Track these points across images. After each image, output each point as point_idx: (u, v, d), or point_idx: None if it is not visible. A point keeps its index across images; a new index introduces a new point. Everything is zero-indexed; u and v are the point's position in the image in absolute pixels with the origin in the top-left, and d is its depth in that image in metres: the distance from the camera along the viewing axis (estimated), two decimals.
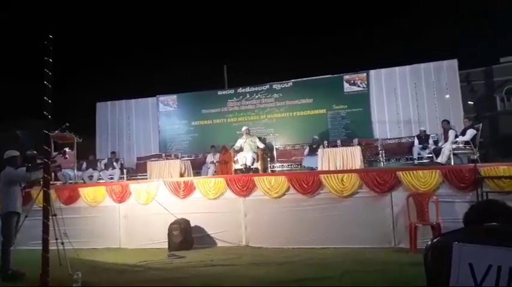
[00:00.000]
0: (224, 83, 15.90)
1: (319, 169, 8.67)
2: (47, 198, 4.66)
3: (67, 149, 8.56)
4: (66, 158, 8.21)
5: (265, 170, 9.69)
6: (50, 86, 4.65)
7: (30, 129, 19.15)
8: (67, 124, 9.42)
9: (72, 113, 14.04)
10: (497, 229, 1.68)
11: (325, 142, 10.25)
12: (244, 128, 10.36)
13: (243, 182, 7.77)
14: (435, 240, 1.77)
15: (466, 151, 9.00)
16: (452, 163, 8.39)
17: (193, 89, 14.19)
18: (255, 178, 7.78)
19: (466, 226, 1.81)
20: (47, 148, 4.80)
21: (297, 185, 7.43)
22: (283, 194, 7.53)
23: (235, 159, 9.73)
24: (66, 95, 16.07)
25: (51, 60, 4.64)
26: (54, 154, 6.73)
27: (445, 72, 11.26)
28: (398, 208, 6.89)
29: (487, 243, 1.64)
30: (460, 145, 8.91)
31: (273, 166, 10.61)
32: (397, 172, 7.03)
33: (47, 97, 4.64)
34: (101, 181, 10.90)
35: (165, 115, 13.40)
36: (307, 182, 7.41)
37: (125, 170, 11.34)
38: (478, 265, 1.64)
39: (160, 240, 7.64)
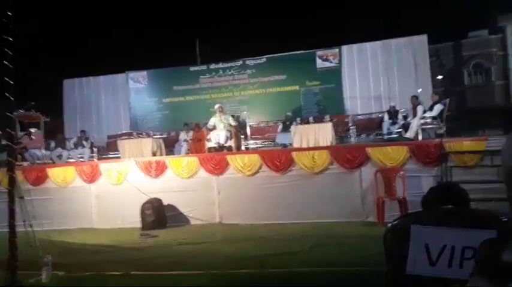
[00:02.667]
0: (196, 59, 15.59)
1: (293, 145, 8.77)
2: (11, 182, 4.54)
3: (33, 130, 8.32)
4: (32, 139, 7.97)
5: (238, 148, 9.69)
6: (10, 65, 4.46)
7: None
8: (32, 103, 9.10)
9: (37, 91, 13.57)
10: (453, 211, 1.76)
11: (298, 119, 10.30)
12: (216, 106, 10.25)
13: (216, 161, 7.78)
14: (395, 222, 1.85)
15: (433, 126, 9.28)
16: (420, 138, 8.64)
17: (164, 65, 13.87)
18: (228, 157, 7.80)
19: (424, 207, 1.89)
20: (10, 131, 4.64)
21: (269, 163, 7.51)
22: (256, 172, 7.60)
23: (208, 137, 9.68)
24: (30, 72, 15.43)
25: (10, 39, 4.43)
26: (20, 134, 6.53)
27: (415, 48, 11.43)
28: (367, 183, 7.09)
29: (442, 225, 1.72)
30: (428, 120, 9.17)
31: (247, 143, 10.63)
32: (366, 148, 7.19)
33: (9, 77, 4.45)
34: (71, 161, 10.66)
35: (135, 92, 13.11)
36: (280, 160, 7.50)
37: (95, 149, 11.10)
38: (434, 245, 1.72)
39: (133, 220, 7.61)
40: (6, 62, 4.46)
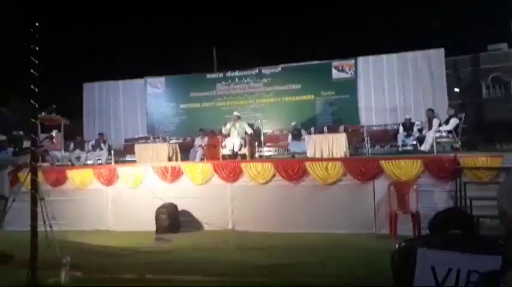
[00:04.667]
0: (213, 66, 15.82)
1: (307, 155, 8.84)
2: (34, 185, 4.71)
3: (54, 133, 8.54)
4: (54, 142, 8.21)
5: (252, 155, 9.80)
6: (36, 73, 4.65)
7: (14, 107, 18.90)
8: (54, 106, 9.36)
9: (58, 93, 13.93)
10: (458, 236, 1.84)
11: (312, 128, 10.38)
12: (235, 113, 10.39)
13: (230, 168, 7.90)
14: (402, 244, 1.93)
15: (448, 140, 9.26)
16: (435, 151, 8.64)
17: (182, 72, 14.14)
18: (242, 164, 7.91)
19: (431, 231, 1.96)
20: (34, 136, 4.83)
21: (282, 172, 7.59)
22: (270, 181, 7.69)
23: (223, 144, 9.82)
24: (52, 75, 15.84)
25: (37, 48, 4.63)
26: (41, 137, 6.73)
27: (431, 61, 11.42)
28: (380, 195, 7.10)
29: (449, 249, 1.80)
30: (443, 134, 9.16)
31: (260, 151, 10.74)
32: (380, 161, 7.21)
33: (33, 85, 4.64)
34: (89, 162, 10.93)
35: (153, 97, 13.37)
36: (293, 169, 7.58)
37: (112, 152, 11.35)
38: (440, 268, 1.80)
39: (148, 223, 7.75)
40: (32, 70, 4.67)
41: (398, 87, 11.58)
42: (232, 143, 9.56)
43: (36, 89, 4.68)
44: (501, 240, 1.79)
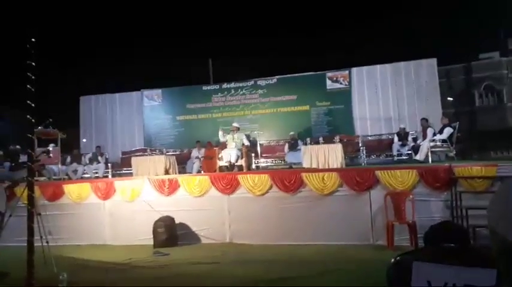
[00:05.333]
0: (209, 78, 15.92)
1: (303, 165, 8.88)
2: (31, 201, 4.71)
3: (51, 147, 8.55)
4: (51, 157, 8.20)
5: (249, 167, 9.84)
6: (32, 89, 4.67)
7: (10, 119, 18.84)
8: (50, 120, 9.39)
9: (55, 107, 13.94)
10: (452, 249, 1.87)
11: (308, 139, 10.45)
12: (234, 124, 10.42)
13: (227, 180, 7.91)
14: (398, 258, 1.96)
15: (443, 149, 9.36)
16: (430, 160, 8.71)
17: (178, 84, 14.21)
18: (239, 176, 7.93)
19: (425, 244, 2.00)
20: (30, 151, 4.84)
21: (279, 183, 7.62)
22: (266, 192, 7.70)
23: (219, 156, 9.85)
24: (49, 89, 15.87)
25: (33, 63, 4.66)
26: (38, 151, 6.74)
27: (424, 71, 11.57)
28: (377, 206, 7.13)
29: (444, 262, 1.83)
30: (438, 143, 9.26)
31: (257, 162, 10.77)
32: (376, 171, 7.26)
33: (30, 100, 4.66)
34: (86, 176, 10.91)
35: (150, 109, 13.41)
36: (289, 181, 7.60)
37: (109, 165, 11.35)
38: (435, 282, 1.83)
39: (145, 237, 7.74)
40: (28, 86, 4.70)
41: (392, 97, 11.69)
42: (229, 154, 9.59)
43: (33, 104, 4.70)
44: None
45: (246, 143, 10.08)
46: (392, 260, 1.96)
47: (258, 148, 10.83)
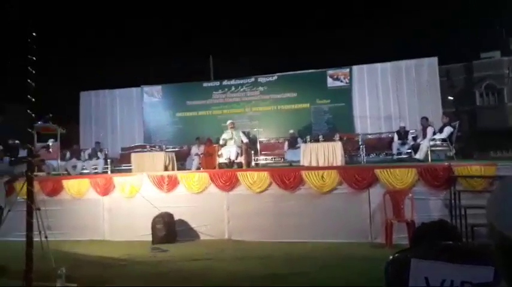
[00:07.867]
0: (210, 74, 15.89)
1: (302, 163, 8.87)
2: (30, 196, 4.71)
3: (51, 142, 8.54)
4: (50, 152, 8.19)
5: (249, 164, 9.83)
6: (32, 83, 4.66)
7: (9, 115, 18.82)
8: (50, 115, 9.39)
9: (55, 102, 13.92)
10: (450, 247, 1.87)
11: (308, 137, 10.43)
12: (229, 122, 10.43)
13: (226, 177, 7.92)
14: (395, 255, 1.95)
15: (443, 148, 9.35)
16: (430, 159, 8.70)
17: (178, 80, 14.18)
18: (238, 173, 7.93)
19: (414, 242, 2.00)
20: (30, 146, 4.84)
21: (278, 181, 7.62)
22: (265, 189, 7.71)
23: (219, 153, 9.84)
24: (49, 84, 15.84)
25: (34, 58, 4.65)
26: (37, 146, 6.74)
27: (425, 70, 11.54)
28: (375, 204, 7.14)
29: (442, 259, 1.83)
30: (438, 142, 9.25)
31: (256, 159, 10.76)
32: (375, 170, 7.26)
33: (30, 95, 4.65)
34: (85, 171, 10.90)
35: (150, 106, 13.38)
36: (289, 178, 7.60)
37: (109, 161, 11.34)
38: (433, 279, 1.83)
39: (144, 233, 7.74)
40: (29, 81, 4.69)
41: (393, 95, 11.67)
42: (228, 151, 9.58)
43: (33, 99, 4.70)
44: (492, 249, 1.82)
45: (245, 140, 10.07)
46: (390, 257, 1.96)
47: (258, 145, 10.82)
